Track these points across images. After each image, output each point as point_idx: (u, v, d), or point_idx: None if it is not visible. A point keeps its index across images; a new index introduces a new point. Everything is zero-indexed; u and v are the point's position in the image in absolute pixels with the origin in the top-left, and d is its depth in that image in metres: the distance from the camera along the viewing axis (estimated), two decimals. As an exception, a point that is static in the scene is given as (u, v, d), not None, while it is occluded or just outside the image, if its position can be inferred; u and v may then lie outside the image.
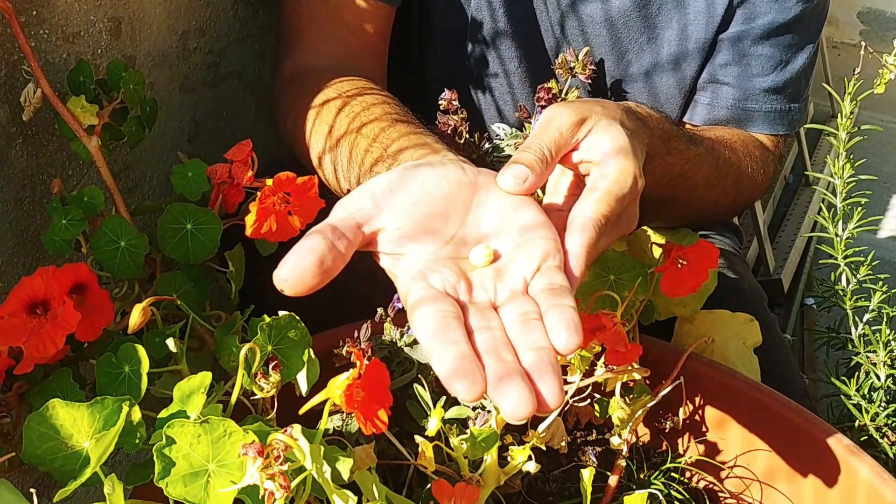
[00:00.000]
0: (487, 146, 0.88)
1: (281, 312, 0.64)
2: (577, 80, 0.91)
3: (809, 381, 1.54)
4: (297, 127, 0.92)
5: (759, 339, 0.89)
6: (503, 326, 0.55)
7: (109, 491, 0.53)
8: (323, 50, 1.01)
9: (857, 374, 0.97)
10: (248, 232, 0.70)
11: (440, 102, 0.87)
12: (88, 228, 0.74)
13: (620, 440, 0.78)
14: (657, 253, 0.80)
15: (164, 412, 0.59)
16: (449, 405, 0.69)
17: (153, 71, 0.99)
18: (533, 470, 0.68)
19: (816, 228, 2.13)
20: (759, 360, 0.89)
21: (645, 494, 0.67)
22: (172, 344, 0.66)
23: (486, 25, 1.06)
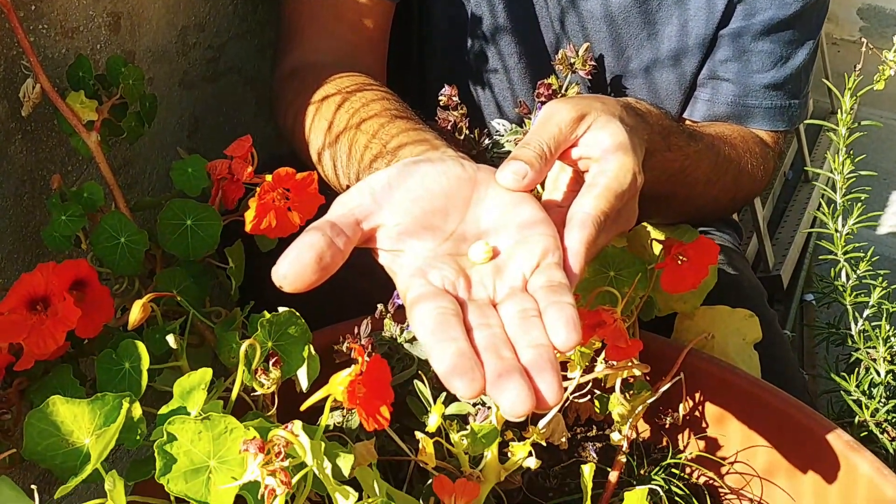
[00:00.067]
0: (487, 142, 0.88)
1: (281, 309, 0.64)
2: (576, 76, 0.91)
3: (809, 377, 1.55)
4: (296, 123, 0.92)
5: (758, 335, 0.89)
6: (502, 323, 0.55)
7: (110, 487, 0.53)
8: (322, 46, 1.01)
9: (856, 369, 0.97)
10: (247, 228, 0.70)
11: (440, 98, 0.86)
12: (88, 224, 0.74)
13: (620, 436, 0.78)
14: (657, 249, 0.80)
15: (164, 408, 0.59)
16: (449, 401, 0.69)
17: (152, 66, 0.99)
18: (533, 466, 0.68)
19: (816, 224, 2.13)
20: (758, 356, 0.89)
21: (645, 490, 0.67)
22: (172, 340, 0.66)
23: (485, 21, 1.06)
